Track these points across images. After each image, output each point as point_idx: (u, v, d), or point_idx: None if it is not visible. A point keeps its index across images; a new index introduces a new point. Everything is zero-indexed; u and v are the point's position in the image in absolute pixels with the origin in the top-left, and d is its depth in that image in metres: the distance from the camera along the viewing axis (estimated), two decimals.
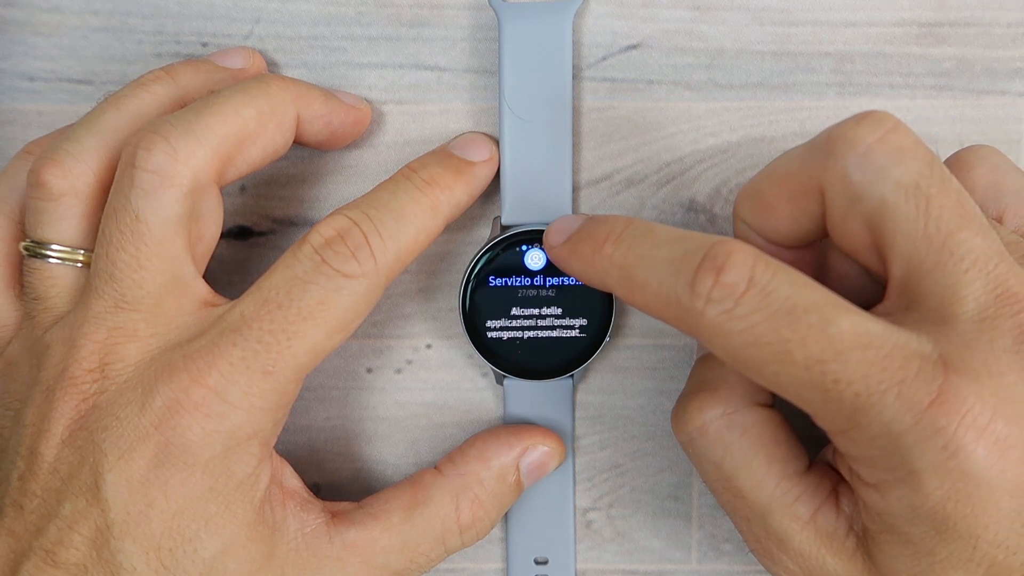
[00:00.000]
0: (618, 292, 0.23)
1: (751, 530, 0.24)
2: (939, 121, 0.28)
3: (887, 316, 0.21)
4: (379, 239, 0.24)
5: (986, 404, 0.20)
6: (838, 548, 0.23)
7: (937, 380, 0.20)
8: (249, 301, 0.23)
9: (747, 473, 0.24)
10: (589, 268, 0.24)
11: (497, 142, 0.28)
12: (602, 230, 0.24)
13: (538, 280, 0.27)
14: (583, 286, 0.27)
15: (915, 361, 0.20)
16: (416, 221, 0.25)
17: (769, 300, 0.20)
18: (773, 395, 0.25)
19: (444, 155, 0.27)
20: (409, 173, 0.26)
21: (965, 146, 0.25)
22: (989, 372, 0.20)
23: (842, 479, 0.24)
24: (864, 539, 0.22)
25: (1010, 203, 0.24)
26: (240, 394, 0.23)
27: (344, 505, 0.26)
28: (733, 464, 0.24)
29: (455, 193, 0.26)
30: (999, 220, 0.24)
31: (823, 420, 0.21)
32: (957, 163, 0.25)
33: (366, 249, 0.23)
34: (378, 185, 0.25)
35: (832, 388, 0.20)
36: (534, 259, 0.27)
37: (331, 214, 0.24)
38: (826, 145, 0.22)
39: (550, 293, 0.27)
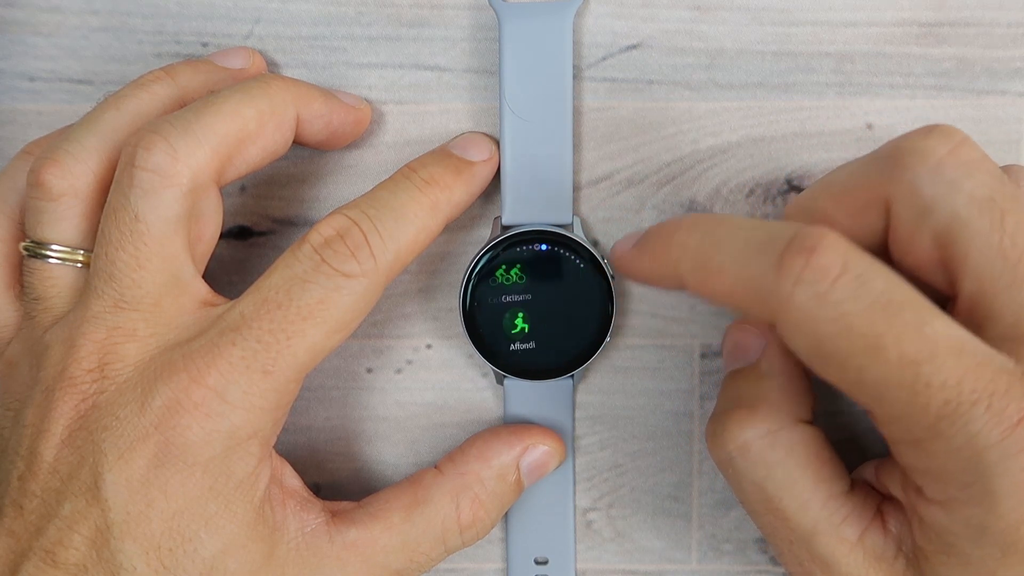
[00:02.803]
0: (691, 280, 0.22)
1: (793, 553, 0.23)
2: (939, 121, 0.28)
3: None
4: (379, 239, 0.24)
5: None
6: (886, 570, 0.22)
7: None
8: (249, 301, 0.23)
9: (792, 494, 0.23)
10: (660, 261, 0.23)
11: (497, 142, 0.28)
12: (672, 223, 0.23)
13: (538, 280, 0.27)
14: (582, 286, 0.27)
15: (1004, 376, 0.19)
16: (416, 221, 0.25)
17: (865, 290, 0.19)
18: (812, 411, 0.24)
19: (444, 155, 0.27)
20: (409, 173, 0.26)
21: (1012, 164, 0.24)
22: None
23: (884, 498, 0.23)
24: (915, 560, 0.22)
25: None
26: (240, 394, 0.23)
27: (344, 505, 0.26)
28: (777, 485, 0.23)
29: (455, 193, 0.26)
30: None
31: (901, 427, 0.20)
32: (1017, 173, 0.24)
33: (366, 249, 0.23)
34: (378, 185, 0.25)
35: (922, 392, 0.19)
36: (534, 258, 0.27)
37: (331, 214, 0.24)
38: (893, 157, 0.21)
39: (550, 293, 0.27)
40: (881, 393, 0.20)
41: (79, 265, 0.25)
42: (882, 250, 0.23)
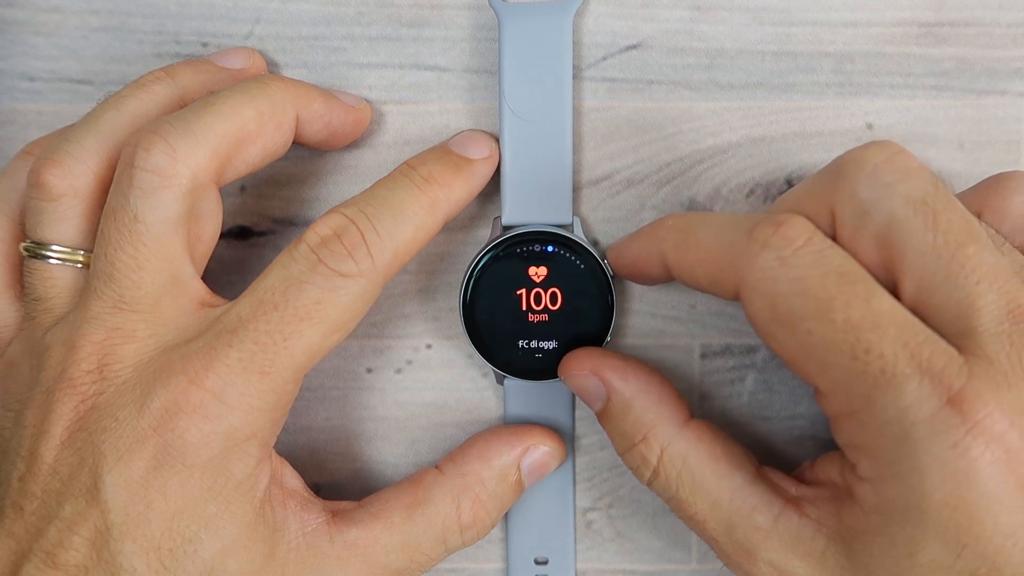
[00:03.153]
0: (672, 254, 0.24)
1: (722, 550, 0.24)
2: (939, 121, 0.28)
3: None
4: (376, 237, 0.24)
5: (1005, 412, 0.20)
6: (805, 551, 0.23)
7: (961, 379, 0.20)
8: (246, 302, 0.23)
9: (701, 497, 0.24)
10: (646, 240, 0.25)
11: (497, 140, 0.28)
12: (662, 217, 0.25)
13: (538, 280, 0.27)
14: (583, 287, 0.27)
15: (942, 357, 0.20)
16: (414, 219, 0.25)
17: (823, 260, 0.21)
18: (686, 406, 0.26)
19: (443, 152, 0.27)
20: (407, 170, 0.26)
21: (1003, 171, 0.25)
22: (1009, 384, 0.20)
23: (808, 484, 0.24)
24: (839, 540, 0.22)
25: None
26: (237, 395, 0.23)
27: (345, 504, 0.26)
28: (687, 493, 0.24)
29: (454, 191, 0.26)
30: None
31: (839, 397, 0.21)
32: (996, 186, 0.25)
33: (363, 248, 0.23)
34: (376, 182, 0.25)
35: (861, 358, 0.20)
36: (534, 259, 0.27)
37: (328, 212, 0.24)
38: (837, 169, 0.23)
39: (550, 293, 0.27)
40: (824, 357, 0.21)
41: (79, 265, 0.25)
42: None
